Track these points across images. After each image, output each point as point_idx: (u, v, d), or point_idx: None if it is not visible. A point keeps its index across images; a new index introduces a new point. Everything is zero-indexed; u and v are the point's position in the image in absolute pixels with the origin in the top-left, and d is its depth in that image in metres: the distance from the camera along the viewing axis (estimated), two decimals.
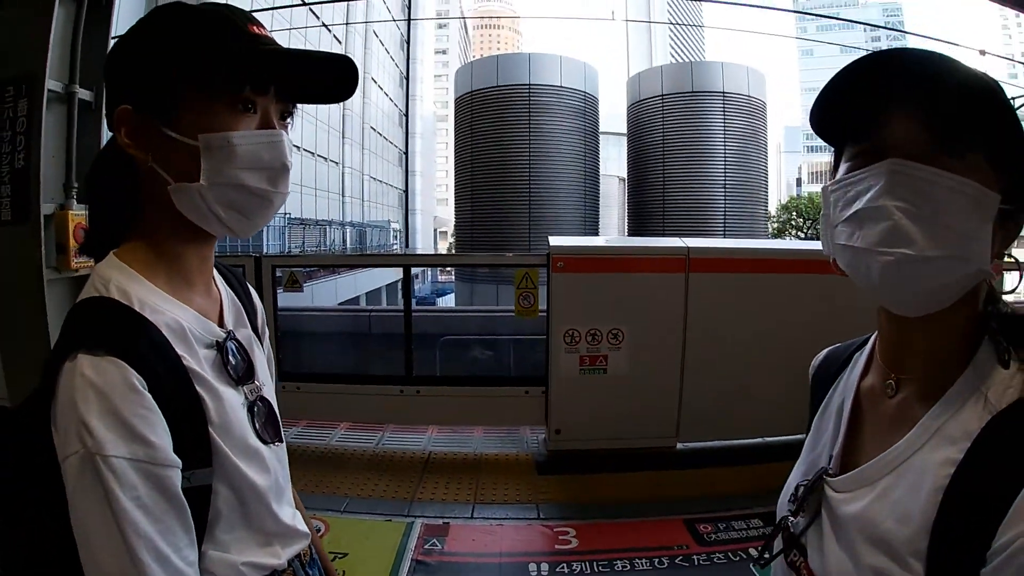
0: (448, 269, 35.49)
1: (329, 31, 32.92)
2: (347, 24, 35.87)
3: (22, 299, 3.18)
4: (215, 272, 0.99)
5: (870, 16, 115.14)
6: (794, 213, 46.00)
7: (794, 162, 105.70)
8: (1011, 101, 0.69)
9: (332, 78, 0.90)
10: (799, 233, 44.11)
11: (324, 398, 4.51)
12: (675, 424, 4.19)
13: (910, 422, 0.71)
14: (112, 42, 3.29)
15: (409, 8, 51.01)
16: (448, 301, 31.73)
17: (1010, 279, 0.74)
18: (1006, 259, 0.71)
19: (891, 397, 0.77)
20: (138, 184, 0.85)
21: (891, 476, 0.70)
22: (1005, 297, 0.73)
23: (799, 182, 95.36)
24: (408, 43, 53.43)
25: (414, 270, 37.85)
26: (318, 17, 30.95)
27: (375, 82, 43.11)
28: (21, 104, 3.16)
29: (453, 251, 32.06)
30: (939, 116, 0.65)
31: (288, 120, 0.90)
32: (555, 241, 4.17)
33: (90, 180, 0.91)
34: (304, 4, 26.52)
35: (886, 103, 0.68)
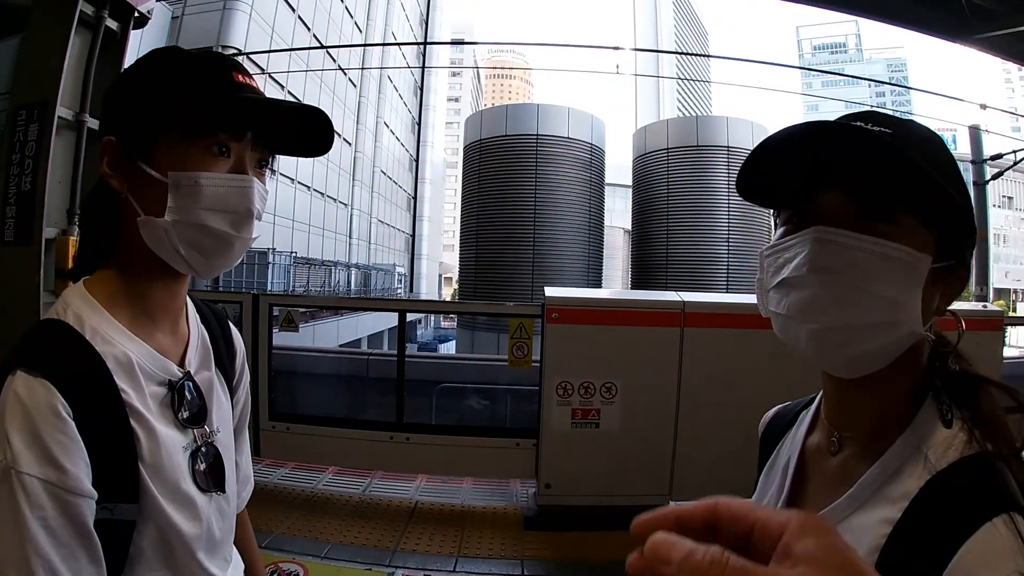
0: (451, 316, 35.52)
1: (345, 74, 33.63)
2: (363, 69, 36.65)
3: (18, 319, 3.20)
4: (192, 311, 1.01)
5: (875, 71, 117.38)
6: None
7: None
8: (949, 157, 0.70)
9: (310, 130, 0.92)
10: None
11: (313, 440, 4.46)
12: (668, 482, 4.12)
13: (851, 481, 0.70)
14: None
15: (423, 56, 52.23)
16: (450, 348, 31.67)
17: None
18: (947, 314, 0.73)
19: (834, 455, 0.77)
20: (119, 215, 0.87)
21: None
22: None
23: None
24: (421, 90, 54.59)
25: (418, 316, 37.82)
26: (335, 60, 31.69)
27: (387, 126, 43.90)
28: (32, 129, 3.23)
29: (457, 297, 32.12)
30: (863, 184, 0.66)
31: (265, 168, 0.92)
32: (550, 292, 4.16)
33: (84, 207, 0.95)
34: (322, 47, 27.27)
35: (814, 171, 0.69)
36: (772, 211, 0.78)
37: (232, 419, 1.06)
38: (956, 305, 0.74)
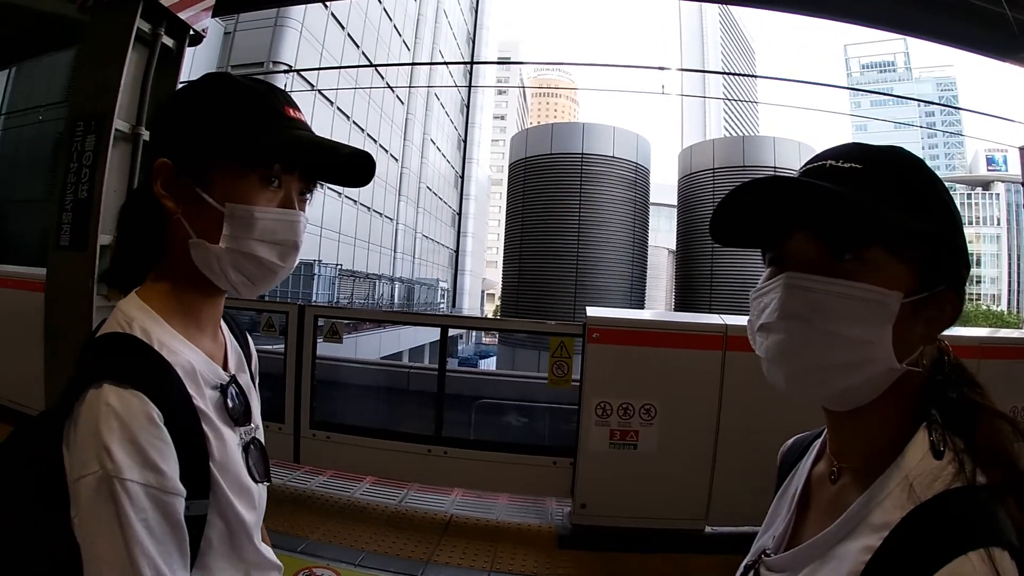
0: (492, 332, 35.54)
1: (393, 91, 34.18)
2: (410, 87, 37.20)
3: (72, 321, 3.33)
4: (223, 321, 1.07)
5: (924, 90, 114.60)
6: None
7: None
8: (926, 184, 0.70)
9: (354, 166, 0.98)
10: None
11: (352, 450, 4.52)
12: (705, 506, 4.06)
13: (843, 509, 0.71)
14: None
15: (470, 74, 52.86)
16: (490, 363, 31.70)
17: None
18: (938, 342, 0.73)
19: (834, 483, 0.78)
20: (164, 230, 0.92)
21: (818, 562, 0.71)
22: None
23: None
24: (468, 107, 55.16)
25: (459, 331, 37.94)
26: (383, 77, 32.22)
27: (434, 143, 44.47)
28: (89, 140, 3.38)
29: (499, 314, 32.11)
30: (825, 227, 0.69)
31: (308, 197, 0.98)
32: (592, 312, 4.16)
33: (122, 215, 0.98)
34: (370, 65, 27.79)
35: (782, 219, 0.72)
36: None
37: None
38: (1005, 333, 0.75)
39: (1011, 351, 4.48)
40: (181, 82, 3.79)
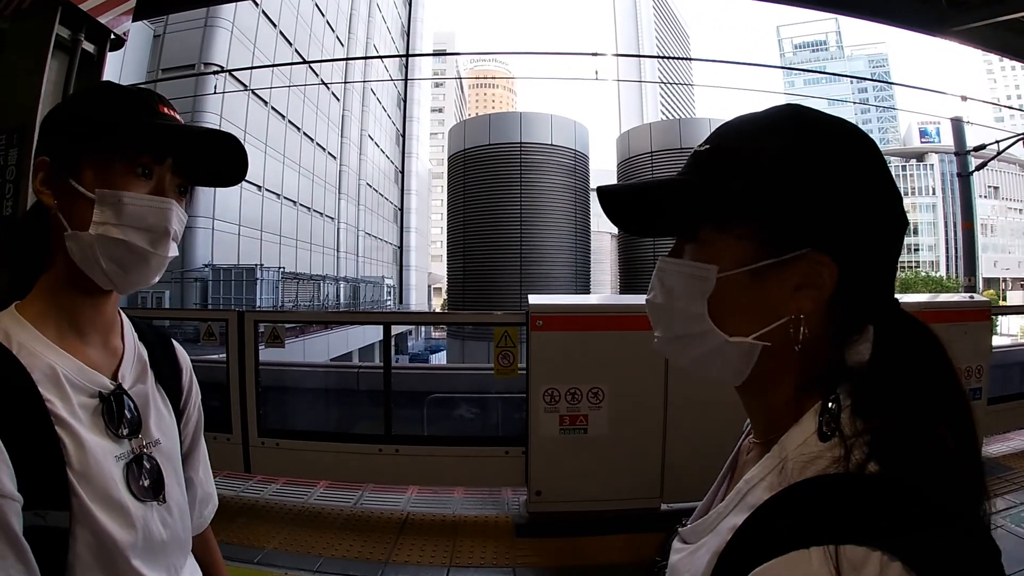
0: (442, 326, 35.41)
1: (328, 88, 33.64)
2: (345, 82, 36.69)
3: None
4: (129, 328, 1.07)
5: (856, 67, 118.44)
6: None
7: None
8: (776, 154, 0.67)
9: (227, 158, 1.00)
10: None
11: (303, 455, 4.45)
12: (659, 485, 4.13)
13: None
14: None
15: (406, 67, 52.31)
16: (441, 358, 31.62)
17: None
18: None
19: (747, 457, 0.80)
20: (48, 234, 0.94)
21: (710, 535, 0.70)
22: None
23: None
24: (405, 101, 54.63)
25: (408, 327, 37.75)
26: (317, 74, 31.67)
27: (372, 139, 43.97)
28: (12, 154, 3.23)
29: (446, 307, 31.98)
30: (665, 218, 0.77)
31: (185, 194, 1.00)
32: (534, 299, 4.18)
33: (10, 229, 1.02)
34: (304, 62, 27.25)
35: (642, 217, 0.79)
36: None
37: (181, 435, 1.11)
38: (944, 298, 0.74)
39: (951, 315, 4.70)
40: None
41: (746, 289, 0.67)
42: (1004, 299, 66.09)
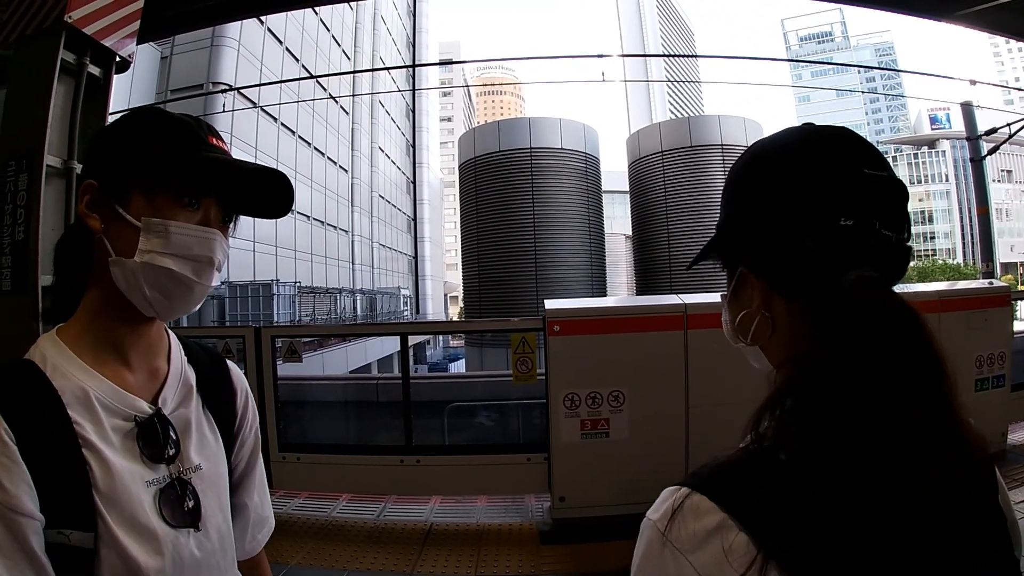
0: (459, 335, 35.45)
1: (336, 102, 33.87)
2: (353, 95, 36.91)
3: None
4: (178, 350, 1.05)
5: (863, 57, 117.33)
6: None
7: None
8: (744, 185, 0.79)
9: (274, 193, 1.01)
10: None
11: (324, 468, 4.46)
12: None
13: None
14: (109, 118, 3.44)
15: (413, 78, 52.54)
16: (460, 366, 31.63)
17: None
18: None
19: None
20: (91, 259, 0.93)
21: None
22: None
23: None
24: (413, 112, 54.89)
25: (425, 337, 37.75)
26: (325, 89, 31.89)
27: (382, 151, 44.19)
28: (22, 179, 3.25)
29: (463, 315, 31.97)
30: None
31: (230, 225, 1.01)
32: (550, 304, 4.16)
33: (58, 250, 0.99)
34: (311, 77, 27.45)
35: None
36: None
37: (235, 459, 1.10)
38: (963, 285, 0.76)
39: (969, 302, 4.60)
40: (111, 112, 3.67)
41: (737, 306, 0.82)
42: (1022, 284, 65.17)
